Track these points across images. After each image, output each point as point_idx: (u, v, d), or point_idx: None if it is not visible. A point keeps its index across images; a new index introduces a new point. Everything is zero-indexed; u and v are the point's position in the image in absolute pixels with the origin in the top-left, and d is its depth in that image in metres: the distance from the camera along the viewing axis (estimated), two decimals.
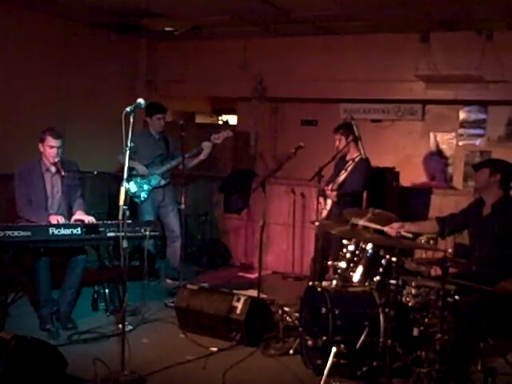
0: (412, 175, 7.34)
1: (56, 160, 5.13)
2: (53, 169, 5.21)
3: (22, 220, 5.06)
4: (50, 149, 5.09)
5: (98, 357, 4.14)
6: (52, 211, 5.21)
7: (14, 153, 6.25)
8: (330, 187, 5.67)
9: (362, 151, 5.73)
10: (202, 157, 6.28)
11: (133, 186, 6.24)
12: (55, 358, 3.89)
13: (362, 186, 5.79)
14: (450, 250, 3.92)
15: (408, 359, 3.97)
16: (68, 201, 5.32)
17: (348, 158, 5.86)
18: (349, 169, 5.74)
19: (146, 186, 6.27)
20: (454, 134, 7.32)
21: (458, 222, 4.66)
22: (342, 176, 5.77)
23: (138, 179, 6.26)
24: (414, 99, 7.18)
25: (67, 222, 5.09)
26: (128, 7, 6.52)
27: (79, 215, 5.20)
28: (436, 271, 4.49)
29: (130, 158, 4.06)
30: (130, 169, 6.04)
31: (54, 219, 5.00)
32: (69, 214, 5.29)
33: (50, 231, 4.84)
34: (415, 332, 3.95)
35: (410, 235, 4.51)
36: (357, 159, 5.75)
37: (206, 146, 6.24)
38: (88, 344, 4.76)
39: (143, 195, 6.27)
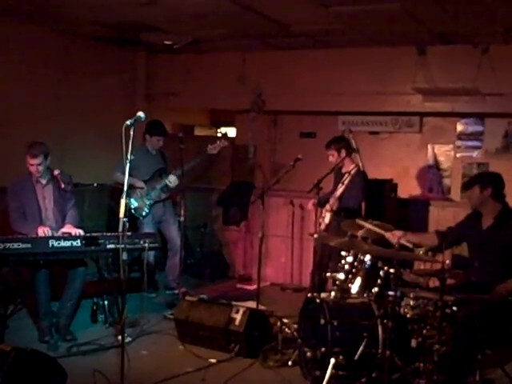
0: (410, 187, 7.38)
1: (38, 175, 5.16)
2: (43, 181, 5.23)
3: (17, 234, 5.06)
4: (31, 166, 5.12)
5: (97, 369, 4.16)
6: (48, 222, 5.22)
7: (11, 166, 6.24)
8: (330, 203, 5.68)
9: (359, 163, 5.77)
10: (197, 159, 6.29)
11: (134, 202, 6.25)
12: (55, 370, 3.89)
13: (360, 201, 5.81)
14: (447, 262, 3.94)
15: (406, 370, 3.97)
16: (62, 211, 5.33)
17: (344, 170, 5.87)
18: (346, 182, 5.75)
19: (147, 202, 6.29)
20: (451, 146, 7.38)
21: (455, 235, 4.66)
22: (340, 189, 5.79)
23: (139, 194, 6.28)
24: (411, 111, 7.24)
25: (54, 233, 5.08)
26: (127, 21, 6.58)
27: (68, 228, 5.19)
28: (434, 283, 4.52)
29: (129, 175, 4.07)
30: (130, 185, 6.05)
31: (40, 230, 5.00)
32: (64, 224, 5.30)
33: (50, 243, 4.85)
34: (413, 343, 3.97)
35: (410, 245, 4.53)
36: (353, 172, 5.78)
37: (211, 149, 6.27)
38: (87, 356, 4.77)
39: (145, 210, 6.29)
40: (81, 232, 5.16)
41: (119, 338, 4.24)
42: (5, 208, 5.26)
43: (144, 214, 6.30)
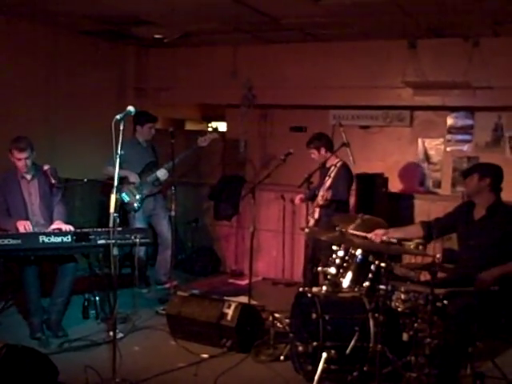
0: (400, 181, 7.40)
1: (24, 170, 5.13)
2: (28, 176, 5.19)
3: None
4: (18, 161, 5.08)
5: (89, 364, 4.15)
6: (35, 217, 5.19)
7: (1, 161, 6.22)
8: (321, 195, 5.66)
9: (350, 157, 5.76)
10: (187, 152, 6.28)
11: (125, 196, 6.23)
12: (46, 366, 3.89)
13: (346, 194, 5.81)
14: (438, 256, 3.95)
15: (398, 364, 3.99)
16: (48, 207, 5.29)
17: (328, 164, 5.86)
18: (332, 174, 5.74)
19: (138, 196, 6.27)
20: (441, 139, 7.40)
21: (444, 225, 4.67)
22: (328, 182, 5.78)
23: (130, 189, 6.26)
24: (402, 105, 7.25)
25: (43, 228, 5.05)
26: (117, 15, 6.53)
27: (57, 224, 5.15)
28: (425, 276, 4.54)
29: (119, 168, 4.05)
30: (122, 178, 6.04)
31: (20, 225, 4.96)
32: (51, 220, 5.27)
33: (40, 239, 4.81)
34: (405, 337, 3.97)
35: (395, 241, 4.53)
36: (338, 164, 5.77)
37: (201, 141, 6.26)
38: (79, 352, 4.75)
39: (136, 205, 6.27)
40: (71, 228, 5.13)
41: (111, 333, 4.23)
42: None
43: (136, 208, 6.28)
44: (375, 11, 5.83)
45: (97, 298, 5.49)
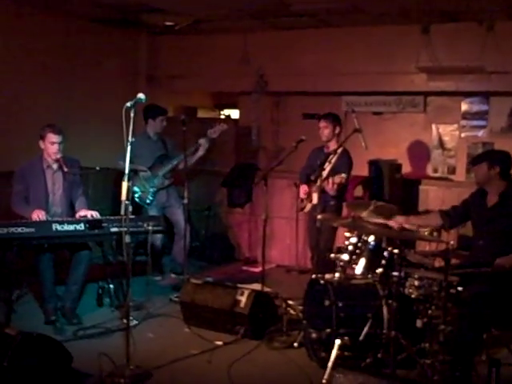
0: (414, 167, 7.35)
1: (58, 156, 5.15)
2: (54, 166, 5.23)
3: (18, 216, 5.05)
4: (52, 145, 5.10)
5: (103, 351, 4.17)
6: (54, 207, 5.24)
7: (15, 150, 6.26)
8: (330, 181, 5.57)
9: (363, 143, 5.69)
10: (200, 153, 6.27)
11: (138, 190, 6.24)
12: (61, 353, 3.92)
13: (348, 180, 5.77)
14: (452, 242, 3.92)
15: (412, 351, 3.98)
16: (69, 198, 5.34)
17: (327, 150, 5.78)
18: (333, 160, 5.65)
19: (150, 189, 6.28)
20: (456, 125, 7.32)
21: (460, 213, 4.67)
22: (328, 168, 5.70)
23: (142, 182, 6.27)
24: (415, 91, 7.18)
25: (48, 217, 5.06)
26: (128, 2, 6.52)
27: (83, 212, 5.21)
28: (440, 263, 4.50)
29: (130, 163, 4.06)
30: (134, 172, 6.06)
31: (34, 214, 4.98)
32: (70, 211, 5.31)
33: (54, 227, 4.85)
34: (419, 323, 3.96)
35: (414, 228, 4.51)
36: (339, 150, 5.65)
37: (203, 142, 6.24)
38: (93, 339, 4.79)
39: (149, 198, 6.28)
40: (97, 214, 5.17)
41: (125, 321, 4.24)
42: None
43: (148, 201, 6.29)
44: None
45: (111, 286, 5.52)
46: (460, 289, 3.87)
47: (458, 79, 6.75)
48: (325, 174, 5.63)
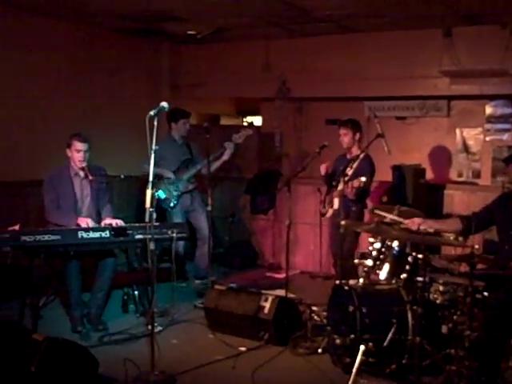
0: (439, 172, 7.29)
1: (83, 165, 5.22)
2: (81, 173, 5.30)
3: (51, 225, 5.15)
4: (77, 153, 5.18)
5: (128, 357, 4.21)
6: (83, 215, 5.28)
7: (42, 159, 6.37)
8: (350, 185, 5.55)
9: (385, 148, 5.68)
10: (225, 157, 6.32)
11: (162, 194, 6.30)
12: (87, 359, 3.97)
13: (370, 185, 5.75)
14: (476, 247, 3.88)
15: (437, 357, 3.95)
16: (97, 205, 5.40)
17: (349, 156, 5.77)
18: (355, 165, 5.64)
19: (174, 193, 6.34)
20: (480, 129, 7.24)
21: (483, 219, 4.60)
22: (350, 173, 5.68)
23: (167, 186, 6.33)
24: (438, 95, 7.12)
25: (96, 224, 5.16)
26: (150, 12, 6.59)
27: (109, 220, 5.27)
28: (465, 268, 4.46)
29: (156, 166, 4.11)
30: (159, 176, 6.13)
31: (82, 221, 5.07)
32: (98, 218, 5.36)
33: (79, 235, 4.90)
34: (444, 329, 3.94)
35: (432, 231, 4.47)
36: (361, 156, 5.63)
37: (229, 147, 6.29)
38: (119, 345, 4.84)
39: (173, 201, 6.34)
40: (121, 222, 5.22)
41: (150, 327, 4.28)
42: (40, 202, 5.34)
43: (172, 205, 6.34)
44: (409, 0, 5.75)
45: (136, 293, 5.57)
46: (486, 294, 3.83)
47: (481, 82, 6.69)
48: (347, 179, 5.63)
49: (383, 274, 4.46)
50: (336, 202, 5.66)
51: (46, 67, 6.82)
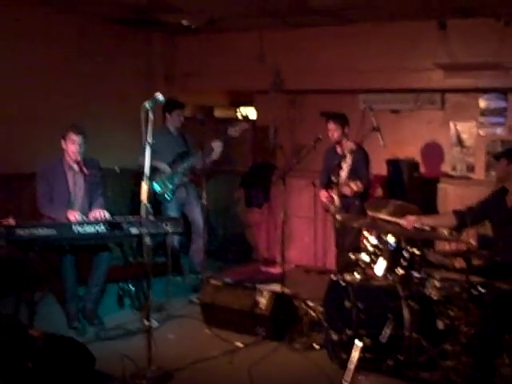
0: (432, 165, 7.30)
1: (78, 157, 5.17)
2: (75, 167, 5.26)
3: (45, 218, 5.12)
4: (72, 144, 5.12)
5: (125, 353, 4.20)
6: (76, 209, 5.24)
7: (37, 152, 6.30)
8: (357, 182, 5.54)
9: (381, 142, 5.68)
10: (213, 157, 6.25)
11: (157, 187, 6.27)
12: (84, 354, 3.97)
13: (369, 178, 5.76)
14: (472, 242, 3.90)
15: (434, 352, 3.96)
16: (89, 199, 5.37)
17: (340, 150, 5.77)
18: (350, 160, 5.61)
19: (170, 186, 6.31)
20: (474, 122, 7.23)
21: (477, 214, 4.61)
22: (346, 168, 5.68)
23: (162, 179, 6.30)
24: (432, 88, 7.11)
25: (84, 218, 5.09)
26: (144, 2, 6.53)
27: (93, 212, 5.20)
28: (460, 263, 4.48)
29: (151, 158, 4.07)
30: (154, 168, 6.08)
31: (71, 215, 5.02)
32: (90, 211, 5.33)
33: (74, 229, 4.85)
34: (440, 325, 3.95)
35: (427, 228, 4.48)
36: (355, 148, 5.64)
37: (216, 146, 6.23)
38: (115, 341, 4.84)
39: (168, 194, 6.31)
40: (106, 213, 5.15)
41: (146, 322, 4.27)
42: (34, 195, 5.29)
43: (168, 198, 6.32)
44: None
45: (131, 287, 5.54)
46: (482, 290, 3.85)
47: (475, 75, 6.68)
48: (344, 174, 5.64)
49: (379, 269, 4.47)
50: (336, 199, 5.69)
51: (36, 59, 6.71)
